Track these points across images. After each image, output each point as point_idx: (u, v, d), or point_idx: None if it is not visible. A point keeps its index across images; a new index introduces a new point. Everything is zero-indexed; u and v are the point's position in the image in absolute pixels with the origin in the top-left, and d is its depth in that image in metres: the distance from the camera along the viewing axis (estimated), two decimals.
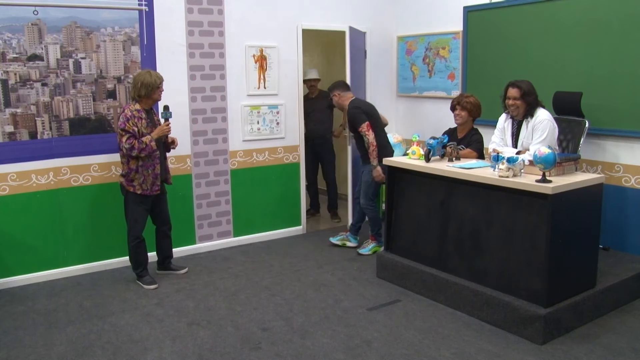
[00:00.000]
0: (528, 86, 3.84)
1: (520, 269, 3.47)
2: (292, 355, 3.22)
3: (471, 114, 4.45)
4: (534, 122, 3.82)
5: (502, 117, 4.11)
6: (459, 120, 4.49)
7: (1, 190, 4.20)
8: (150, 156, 4.09)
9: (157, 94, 4.13)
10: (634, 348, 3.23)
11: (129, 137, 3.99)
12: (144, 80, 4.05)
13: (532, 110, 3.86)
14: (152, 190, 4.16)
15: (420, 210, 4.14)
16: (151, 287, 4.23)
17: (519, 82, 3.88)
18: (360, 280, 4.36)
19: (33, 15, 4.20)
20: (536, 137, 3.77)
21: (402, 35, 5.98)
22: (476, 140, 4.42)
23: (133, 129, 4.00)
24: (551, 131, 3.78)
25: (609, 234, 4.26)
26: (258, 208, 5.34)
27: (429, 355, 3.20)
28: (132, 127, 3.99)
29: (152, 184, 4.14)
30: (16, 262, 4.31)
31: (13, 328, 3.61)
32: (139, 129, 4.03)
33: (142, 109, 4.10)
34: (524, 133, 3.90)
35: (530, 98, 3.83)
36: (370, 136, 4.66)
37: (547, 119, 3.79)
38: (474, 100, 4.42)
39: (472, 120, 4.50)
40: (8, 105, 4.19)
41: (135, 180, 4.10)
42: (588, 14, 4.28)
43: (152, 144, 4.04)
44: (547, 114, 3.82)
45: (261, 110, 5.24)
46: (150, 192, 4.16)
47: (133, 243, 4.21)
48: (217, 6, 4.89)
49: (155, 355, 3.24)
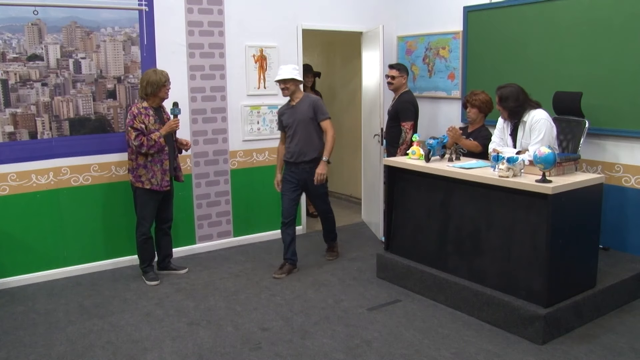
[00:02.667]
0: (508, 92, 3.82)
1: (520, 269, 3.47)
2: (292, 355, 3.22)
3: (481, 110, 4.50)
4: (531, 122, 3.81)
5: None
6: (469, 117, 4.56)
7: (1, 190, 4.20)
8: (159, 152, 4.11)
9: (163, 92, 4.16)
10: (634, 348, 3.23)
11: (138, 135, 4.03)
12: (150, 78, 4.09)
13: (518, 114, 3.86)
14: (162, 185, 4.18)
15: (420, 211, 4.14)
16: (153, 283, 4.27)
17: (501, 87, 3.89)
18: (360, 280, 4.36)
19: (33, 15, 4.20)
20: (534, 137, 3.77)
21: (402, 35, 5.98)
22: (483, 136, 4.44)
23: (141, 126, 4.04)
24: (548, 130, 3.77)
25: (609, 234, 4.25)
26: (258, 208, 5.34)
27: (429, 355, 3.20)
28: (139, 124, 4.04)
29: (161, 180, 4.16)
30: (16, 262, 4.31)
31: (13, 328, 3.61)
32: (146, 126, 4.06)
33: (149, 106, 4.13)
34: (521, 134, 3.90)
35: (508, 104, 3.82)
36: (409, 136, 4.82)
37: (543, 118, 3.78)
38: (482, 98, 4.47)
39: (483, 116, 4.54)
40: (8, 105, 4.19)
41: (143, 175, 4.13)
42: (588, 14, 4.28)
43: (161, 140, 4.08)
44: (544, 114, 3.81)
45: (261, 110, 5.23)
46: (160, 188, 4.18)
47: (140, 239, 4.26)
48: (217, 6, 4.89)
49: (155, 355, 3.24)
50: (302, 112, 4.41)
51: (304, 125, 4.41)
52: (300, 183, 4.52)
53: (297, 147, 4.43)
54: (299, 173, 4.48)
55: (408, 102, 4.92)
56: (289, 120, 4.46)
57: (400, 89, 5.03)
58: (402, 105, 4.92)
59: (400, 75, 5.00)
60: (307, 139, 4.43)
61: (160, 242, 4.49)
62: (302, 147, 4.42)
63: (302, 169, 4.47)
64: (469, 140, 4.39)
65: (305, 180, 4.49)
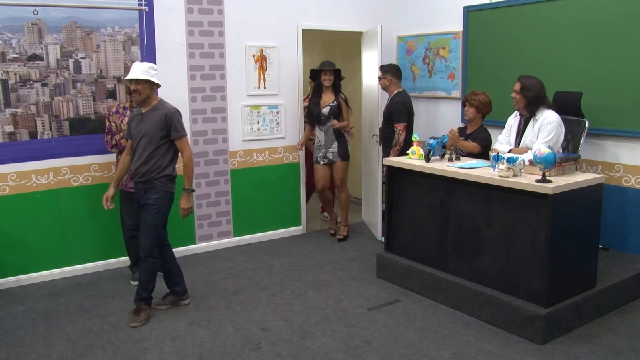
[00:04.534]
0: (531, 83, 3.82)
1: (520, 269, 3.47)
2: (292, 355, 3.22)
3: (479, 111, 4.48)
4: (542, 122, 3.80)
5: (513, 114, 4.11)
6: (467, 116, 4.55)
7: (1, 190, 4.20)
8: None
9: None
10: (634, 348, 3.23)
11: (107, 134, 4.14)
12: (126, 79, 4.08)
13: (534, 107, 3.84)
14: (127, 187, 4.16)
15: (420, 210, 4.14)
16: (134, 282, 4.26)
17: (525, 77, 3.88)
18: (360, 280, 4.36)
19: (33, 15, 4.20)
20: (542, 136, 3.75)
21: (402, 35, 5.98)
22: (482, 137, 4.43)
23: (111, 125, 4.13)
24: (557, 134, 3.76)
25: (609, 234, 4.25)
26: (258, 208, 5.34)
27: (429, 355, 3.20)
28: (110, 123, 4.13)
29: (127, 180, 4.12)
30: (16, 262, 4.31)
31: (13, 328, 3.61)
32: (117, 125, 4.11)
33: (130, 107, 4.16)
34: (529, 131, 3.88)
35: (529, 94, 3.81)
36: (402, 137, 4.86)
37: (555, 120, 3.76)
38: (481, 98, 4.45)
39: (481, 117, 4.52)
40: (8, 105, 4.19)
41: None
42: (588, 14, 4.28)
43: (122, 142, 4.08)
44: (556, 116, 3.79)
45: (261, 110, 5.24)
46: (125, 189, 4.17)
47: (124, 238, 4.29)
48: (217, 6, 4.89)
49: (155, 355, 3.24)
50: (149, 124, 3.62)
51: (148, 139, 3.61)
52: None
53: (137, 163, 3.67)
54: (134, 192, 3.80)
55: (400, 102, 4.93)
56: (135, 130, 3.68)
57: (391, 89, 5.04)
58: (394, 107, 4.93)
59: (383, 77, 5.01)
60: (148, 157, 3.63)
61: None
62: (140, 164, 3.65)
63: (137, 188, 3.74)
64: (467, 142, 4.38)
65: (138, 202, 3.75)
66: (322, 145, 5.29)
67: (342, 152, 5.27)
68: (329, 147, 5.25)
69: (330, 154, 5.26)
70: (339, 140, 5.26)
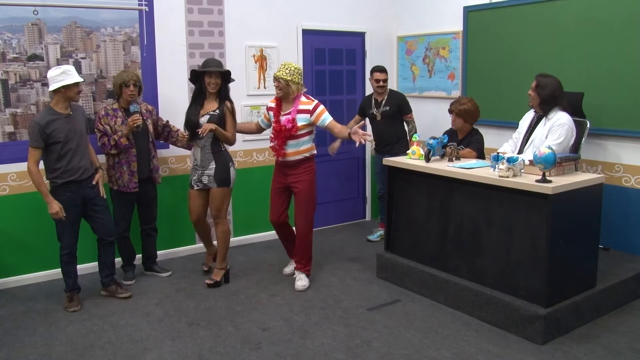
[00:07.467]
0: (547, 81, 3.81)
1: (520, 269, 3.47)
2: (292, 355, 3.22)
3: (466, 121, 4.43)
4: (553, 122, 3.78)
5: (527, 113, 4.10)
6: (455, 125, 4.51)
7: (1, 190, 4.20)
8: (125, 153, 4.10)
9: (125, 94, 4.10)
10: (634, 348, 3.23)
11: (101, 136, 4.09)
12: (115, 79, 4.16)
13: (548, 106, 3.83)
14: (130, 187, 4.16)
15: (420, 210, 4.14)
16: (127, 282, 4.31)
17: (542, 75, 3.88)
18: (360, 280, 4.36)
19: (33, 15, 4.20)
20: (551, 138, 3.73)
21: (402, 35, 5.98)
22: (476, 140, 4.41)
23: (105, 127, 4.07)
24: (568, 137, 3.76)
25: (609, 234, 4.25)
26: (258, 208, 5.33)
27: (429, 355, 3.20)
28: (104, 125, 4.08)
29: (128, 181, 4.14)
30: (16, 262, 4.31)
31: (13, 328, 3.61)
32: (111, 127, 4.08)
33: (120, 107, 4.14)
34: (539, 129, 3.87)
35: (544, 92, 3.80)
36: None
37: (566, 124, 3.75)
38: (467, 108, 4.36)
39: (469, 124, 4.48)
40: (8, 105, 4.19)
41: (112, 176, 4.18)
42: (588, 14, 4.28)
43: (122, 141, 4.05)
44: (569, 119, 3.78)
45: (261, 110, 5.22)
46: (127, 189, 4.16)
47: (117, 239, 4.27)
48: (217, 6, 4.89)
49: (155, 355, 3.24)
50: (80, 122, 3.81)
51: (83, 136, 3.80)
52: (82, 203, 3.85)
53: (83, 162, 3.78)
54: (82, 190, 3.80)
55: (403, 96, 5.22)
56: (68, 133, 3.67)
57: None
58: (402, 101, 5.14)
59: None
60: (86, 152, 3.85)
61: (143, 243, 4.52)
62: (87, 161, 3.83)
63: (86, 185, 3.83)
64: (464, 151, 4.31)
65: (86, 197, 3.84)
66: (197, 165, 4.21)
67: (219, 175, 4.15)
68: (205, 168, 4.17)
69: (205, 178, 4.18)
70: (217, 160, 4.15)
